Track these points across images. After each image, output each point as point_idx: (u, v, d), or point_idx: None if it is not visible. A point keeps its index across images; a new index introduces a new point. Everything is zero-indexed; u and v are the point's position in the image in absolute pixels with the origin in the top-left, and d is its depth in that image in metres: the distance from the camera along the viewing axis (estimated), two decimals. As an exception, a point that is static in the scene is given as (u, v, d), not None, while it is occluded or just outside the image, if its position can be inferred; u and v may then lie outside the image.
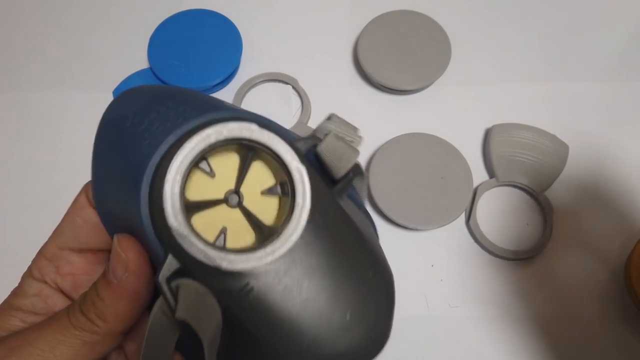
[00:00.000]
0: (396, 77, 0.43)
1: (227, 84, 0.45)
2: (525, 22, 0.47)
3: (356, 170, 0.22)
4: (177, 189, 0.19)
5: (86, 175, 0.43)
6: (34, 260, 0.24)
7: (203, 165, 0.20)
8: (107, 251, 0.24)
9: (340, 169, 0.21)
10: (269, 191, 0.21)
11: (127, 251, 0.20)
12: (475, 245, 0.39)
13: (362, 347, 0.20)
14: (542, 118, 0.42)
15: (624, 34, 0.47)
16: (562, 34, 0.47)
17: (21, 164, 0.43)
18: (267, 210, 0.21)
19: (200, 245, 0.18)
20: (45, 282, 0.24)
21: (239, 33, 0.45)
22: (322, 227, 0.20)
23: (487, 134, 0.42)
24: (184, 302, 0.18)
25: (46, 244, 0.24)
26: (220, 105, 0.22)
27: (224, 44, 0.44)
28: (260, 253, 0.19)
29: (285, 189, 0.21)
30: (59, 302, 0.23)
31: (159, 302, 0.20)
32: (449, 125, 0.43)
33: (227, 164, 0.21)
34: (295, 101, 0.44)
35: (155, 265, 0.20)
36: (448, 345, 0.37)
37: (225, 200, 0.21)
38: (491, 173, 0.41)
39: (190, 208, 0.19)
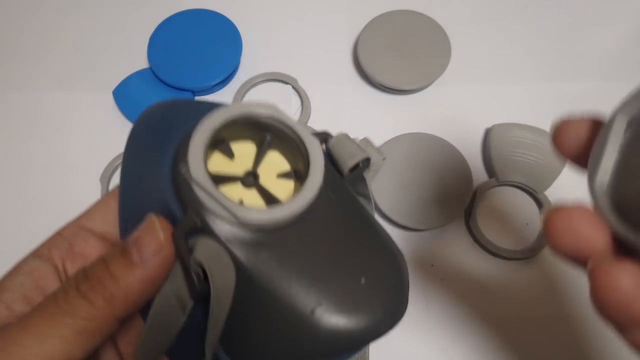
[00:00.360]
0: (396, 76, 0.43)
1: (227, 83, 0.45)
2: (525, 22, 0.47)
3: (364, 165, 0.23)
4: (201, 147, 0.19)
5: (86, 175, 0.43)
6: (46, 240, 0.22)
7: (223, 147, 0.21)
8: None
9: (348, 162, 0.22)
10: (285, 175, 0.22)
11: (166, 232, 0.18)
12: (475, 245, 0.39)
13: (376, 317, 0.19)
14: (542, 118, 0.42)
15: (623, 33, 0.47)
16: (561, 34, 0.47)
17: (21, 164, 0.42)
18: (282, 191, 0.22)
19: (219, 195, 0.19)
20: (49, 258, 0.21)
21: (238, 33, 0.45)
22: (337, 203, 0.21)
23: (487, 134, 0.42)
24: (199, 250, 0.18)
25: (67, 225, 0.23)
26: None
27: (224, 43, 0.44)
28: (275, 210, 0.19)
29: (299, 175, 0.22)
30: (52, 285, 0.21)
31: (167, 283, 0.19)
32: (448, 125, 0.43)
33: (245, 149, 0.22)
34: (295, 101, 0.44)
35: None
36: (448, 345, 0.37)
37: (242, 179, 0.21)
38: (491, 173, 0.41)
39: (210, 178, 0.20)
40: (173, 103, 0.24)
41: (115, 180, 0.42)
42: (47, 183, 0.42)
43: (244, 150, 0.22)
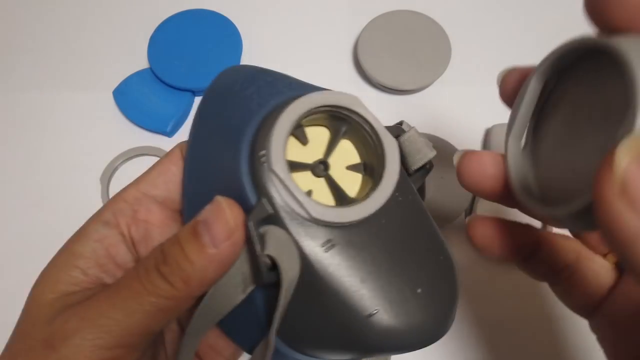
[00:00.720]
0: (396, 77, 0.43)
1: (227, 84, 0.45)
2: (525, 22, 0.47)
3: (430, 166, 0.23)
4: (283, 138, 0.19)
5: (86, 176, 0.43)
6: (109, 203, 0.23)
7: (298, 132, 0.21)
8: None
9: (417, 161, 0.22)
10: (354, 167, 0.22)
11: (236, 218, 0.19)
12: (475, 245, 0.39)
13: (428, 326, 0.20)
14: (542, 118, 0.42)
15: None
16: (562, 34, 0.46)
17: (21, 164, 0.43)
18: (350, 184, 0.22)
19: (296, 191, 0.19)
20: (116, 225, 0.22)
21: (238, 33, 0.45)
22: (401, 205, 0.21)
23: (487, 134, 0.42)
24: (271, 243, 0.19)
25: (126, 189, 0.23)
26: (321, 87, 0.23)
27: (224, 43, 0.44)
28: (347, 210, 0.19)
29: (368, 169, 0.22)
30: (121, 252, 0.22)
31: (237, 263, 0.20)
32: (449, 125, 0.43)
33: (319, 135, 0.22)
34: (295, 101, 0.44)
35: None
36: (448, 345, 0.37)
37: (312, 168, 0.22)
38: (491, 173, 0.41)
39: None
40: (253, 74, 0.22)
41: (116, 180, 0.42)
42: (47, 183, 0.42)
43: (318, 137, 0.22)
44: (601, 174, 0.13)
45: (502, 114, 0.43)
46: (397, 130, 0.22)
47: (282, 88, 0.21)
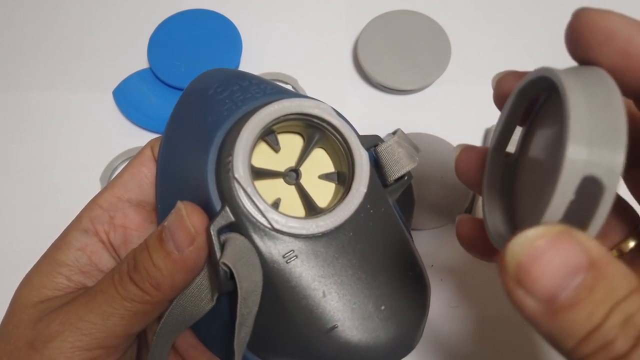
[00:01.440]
0: (396, 76, 0.43)
1: (227, 84, 0.45)
2: (525, 22, 0.47)
3: (408, 177, 0.23)
4: (248, 145, 0.19)
5: (86, 176, 0.43)
6: (85, 211, 0.23)
7: (271, 138, 0.21)
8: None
9: (394, 172, 0.22)
10: (327, 177, 0.22)
11: (196, 224, 0.19)
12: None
13: (390, 345, 0.20)
14: (542, 118, 0.42)
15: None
16: (562, 34, 0.47)
17: (21, 164, 0.42)
18: (321, 193, 0.22)
19: (259, 200, 0.19)
20: (95, 233, 0.23)
21: (238, 33, 0.45)
22: (372, 218, 0.20)
23: (487, 134, 0.42)
24: (229, 252, 0.18)
25: (101, 194, 0.24)
26: (297, 94, 0.23)
27: (224, 43, 0.44)
28: (310, 222, 0.19)
29: (342, 178, 0.21)
30: (103, 259, 0.23)
31: (206, 268, 0.20)
32: (448, 125, 0.43)
33: (292, 143, 0.22)
34: (295, 101, 0.44)
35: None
36: (448, 345, 0.37)
37: (284, 175, 0.21)
38: (491, 173, 0.41)
39: (252, 173, 0.20)
40: (228, 78, 0.22)
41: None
42: (47, 183, 0.42)
43: (291, 144, 0.22)
44: (500, 267, 0.14)
45: (502, 114, 0.43)
46: (374, 139, 0.22)
47: (256, 93, 0.21)
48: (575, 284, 0.13)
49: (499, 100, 0.22)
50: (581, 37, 0.17)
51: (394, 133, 0.23)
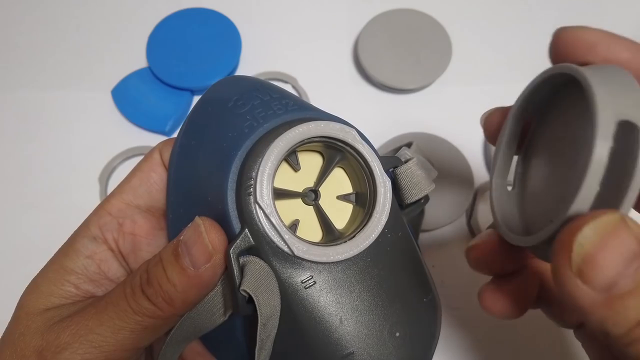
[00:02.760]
0: (396, 76, 0.43)
1: (227, 83, 0.45)
2: (525, 21, 0.47)
3: (425, 200, 0.22)
4: (272, 170, 0.19)
5: (85, 175, 0.43)
6: (94, 217, 0.23)
7: (291, 158, 0.21)
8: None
9: (412, 195, 0.21)
10: (345, 197, 0.22)
11: (214, 241, 0.19)
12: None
13: None
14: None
15: (624, 32, 0.47)
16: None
17: (19, 164, 0.42)
18: (339, 214, 0.21)
19: (281, 227, 0.19)
20: (104, 241, 0.23)
21: (237, 32, 0.44)
22: (390, 244, 0.20)
23: (488, 134, 0.42)
24: (249, 278, 0.18)
25: (110, 200, 0.23)
26: (317, 108, 0.22)
27: (223, 42, 0.44)
28: (331, 250, 0.19)
29: (360, 199, 0.21)
30: (112, 268, 0.23)
31: (220, 284, 0.20)
32: (449, 125, 0.42)
33: (311, 162, 0.22)
34: (295, 100, 0.44)
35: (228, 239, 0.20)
36: (451, 348, 0.37)
37: (302, 195, 0.21)
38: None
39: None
40: (248, 90, 0.21)
41: (114, 180, 0.41)
42: (46, 183, 0.42)
43: (310, 163, 0.22)
44: (561, 250, 0.15)
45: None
46: (394, 161, 0.22)
47: (278, 110, 0.21)
48: (631, 271, 0.14)
49: (491, 135, 0.22)
50: (566, 51, 0.19)
51: (409, 146, 0.22)
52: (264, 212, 0.19)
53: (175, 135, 0.43)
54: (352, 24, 0.46)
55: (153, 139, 0.43)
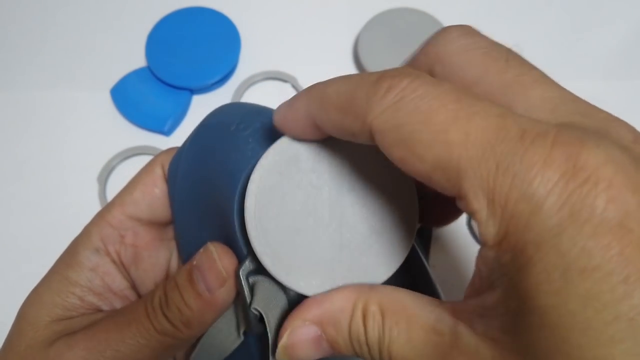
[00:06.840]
0: (397, 75, 0.42)
1: (226, 82, 0.45)
2: (525, 21, 0.47)
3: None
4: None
5: (84, 175, 0.42)
6: (95, 228, 0.23)
7: None
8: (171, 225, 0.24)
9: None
10: None
11: (227, 267, 0.19)
12: (477, 246, 0.39)
13: None
14: (543, 117, 0.42)
15: (625, 32, 0.47)
16: (562, 33, 0.46)
17: (18, 164, 0.42)
18: None
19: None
20: (107, 253, 0.23)
21: (237, 31, 0.44)
22: (404, 268, 0.20)
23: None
24: (259, 297, 0.19)
25: (111, 211, 0.23)
26: None
27: (222, 41, 0.44)
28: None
29: None
30: (116, 280, 0.23)
31: (231, 308, 0.20)
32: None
33: None
34: (295, 100, 0.44)
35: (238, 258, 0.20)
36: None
37: None
38: (492, 173, 0.40)
39: None
40: (249, 114, 0.22)
41: (113, 179, 0.41)
42: (44, 183, 0.41)
43: None
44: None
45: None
46: None
47: (281, 133, 0.21)
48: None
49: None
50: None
51: None
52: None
53: (172, 134, 0.43)
54: (352, 23, 0.46)
55: (152, 139, 0.42)
